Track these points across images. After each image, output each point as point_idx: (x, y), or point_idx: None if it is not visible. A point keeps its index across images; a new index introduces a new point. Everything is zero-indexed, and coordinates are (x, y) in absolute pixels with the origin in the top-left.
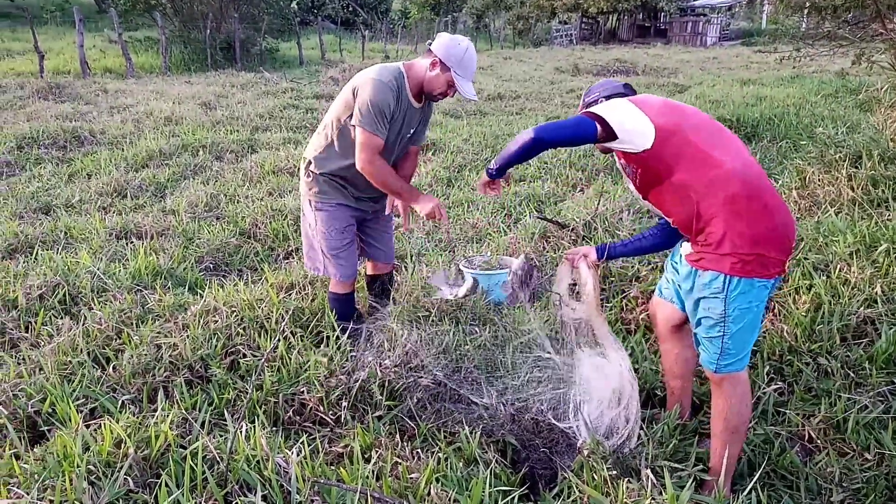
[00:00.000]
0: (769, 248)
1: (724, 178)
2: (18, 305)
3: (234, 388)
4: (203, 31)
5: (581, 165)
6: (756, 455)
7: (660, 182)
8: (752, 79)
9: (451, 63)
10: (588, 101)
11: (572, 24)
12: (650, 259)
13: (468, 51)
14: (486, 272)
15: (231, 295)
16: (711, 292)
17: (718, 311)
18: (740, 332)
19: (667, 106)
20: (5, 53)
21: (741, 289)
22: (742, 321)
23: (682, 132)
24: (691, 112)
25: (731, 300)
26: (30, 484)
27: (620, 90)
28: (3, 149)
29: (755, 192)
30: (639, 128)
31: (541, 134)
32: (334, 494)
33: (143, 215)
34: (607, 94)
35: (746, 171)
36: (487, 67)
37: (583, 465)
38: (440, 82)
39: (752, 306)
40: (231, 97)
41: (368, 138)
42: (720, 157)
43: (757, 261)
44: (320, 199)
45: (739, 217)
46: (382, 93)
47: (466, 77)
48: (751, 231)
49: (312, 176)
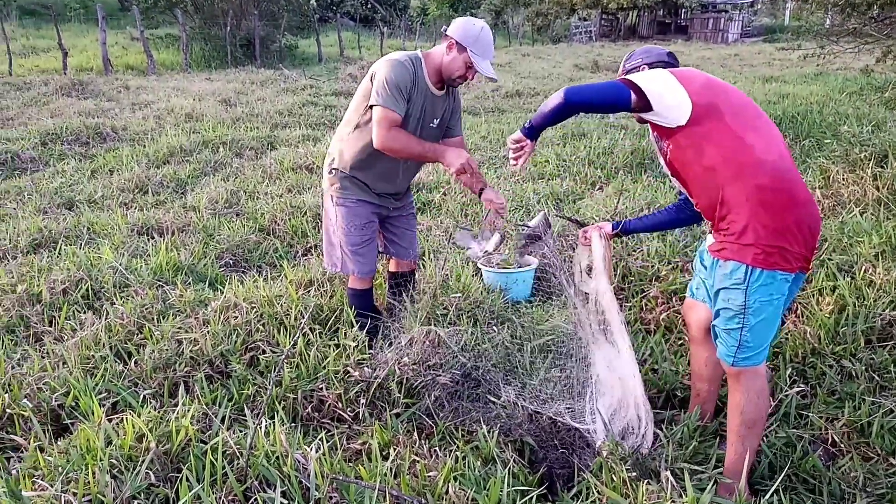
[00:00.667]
0: (793, 241)
1: (754, 166)
2: (42, 300)
3: (254, 384)
4: (223, 28)
5: (601, 163)
6: (778, 458)
7: (689, 161)
8: (775, 76)
9: (467, 43)
10: (628, 66)
11: (592, 21)
12: (670, 258)
13: (484, 30)
14: (504, 271)
15: (251, 291)
16: (732, 283)
17: (738, 303)
18: (760, 325)
19: (708, 84)
20: (30, 51)
21: (763, 280)
22: (762, 314)
23: (718, 113)
24: (733, 93)
25: (751, 291)
26: (54, 476)
27: (664, 58)
28: (28, 145)
29: (784, 184)
30: (675, 102)
31: (571, 97)
32: (353, 491)
33: (164, 211)
34: (650, 62)
35: (778, 162)
36: (506, 64)
37: (601, 465)
38: (458, 64)
39: (773, 299)
40: (251, 94)
41: (384, 113)
42: (753, 144)
43: (779, 253)
44: (342, 195)
45: (765, 208)
46: (397, 69)
47: (484, 56)
48: (775, 223)
49: (334, 172)
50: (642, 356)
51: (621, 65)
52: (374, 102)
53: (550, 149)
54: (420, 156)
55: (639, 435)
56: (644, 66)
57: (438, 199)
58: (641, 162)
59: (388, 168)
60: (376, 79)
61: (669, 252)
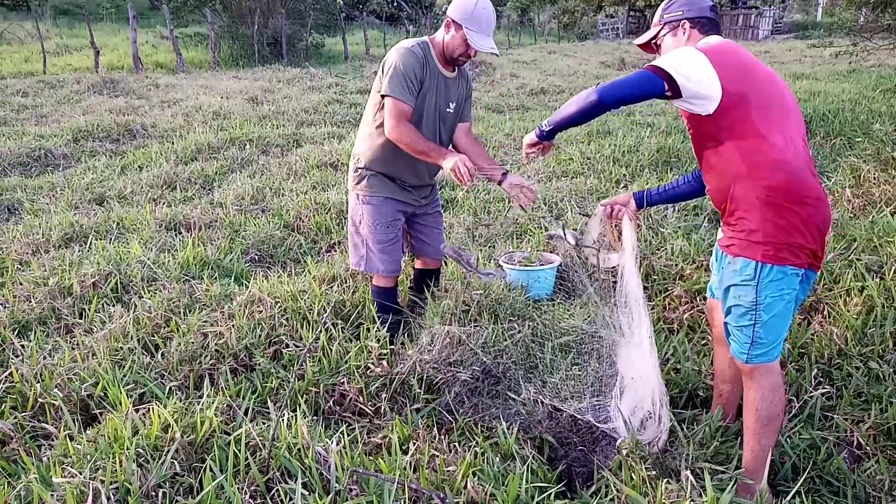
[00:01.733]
0: (802, 238)
1: (769, 166)
2: (73, 293)
3: (277, 378)
4: (251, 26)
5: (625, 161)
6: (801, 460)
7: (707, 148)
8: (806, 73)
9: (462, 20)
10: (667, 17)
11: (619, 18)
12: (695, 257)
13: (478, 4)
14: (526, 269)
15: (275, 286)
16: (742, 279)
17: (749, 300)
18: (772, 321)
19: (743, 69)
20: (64, 49)
21: (773, 276)
22: (774, 310)
23: (745, 105)
24: (766, 82)
25: (762, 287)
26: (83, 464)
27: (707, 14)
28: (61, 141)
29: (797, 184)
30: (705, 92)
31: (605, 96)
32: (372, 484)
33: (191, 207)
34: (692, 17)
35: (795, 161)
36: (531, 62)
37: (621, 464)
38: (457, 42)
39: (784, 294)
40: (277, 92)
41: (394, 105)
42: (773, 143)
43: (788, 249)
44: (367, 193)
45: (775, 207)
46: (405, 57)
47: (480, 31)
48: (784, 221)
49: (360, 171)
50: (665, 356)
51: (658, 13)
52: (385, 92)
53: (575, 146)
54: (422, 153)
55: (656, 418)
56: (685, 21)
57: (461, 196)
58: (667, 160)
59: (412, 159)
60: (387, 67)
61: (694, 251)
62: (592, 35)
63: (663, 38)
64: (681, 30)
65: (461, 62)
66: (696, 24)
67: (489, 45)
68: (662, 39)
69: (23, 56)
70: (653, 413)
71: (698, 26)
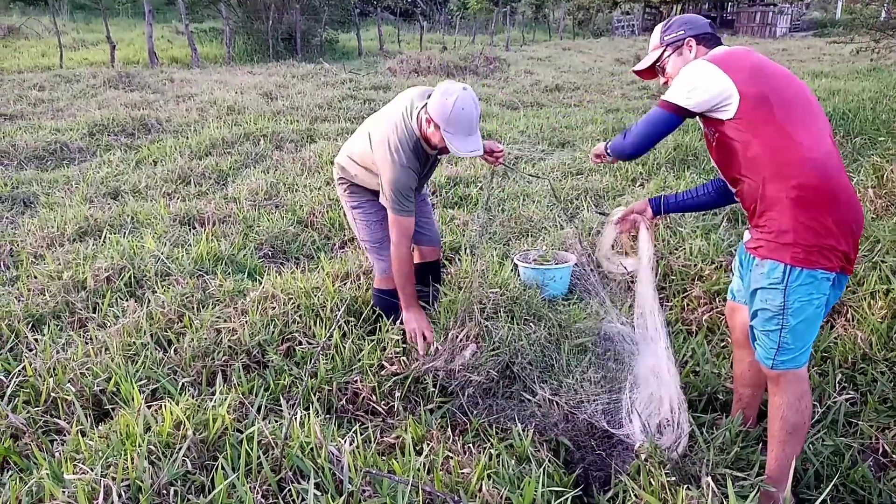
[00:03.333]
0: (833, 240)
1: (799, 164)
2: (87, 287)
3: (290, 375)
4: (266, 22)
5: (642, 159)
6: (825, 467)
7: (734, 151)
8: (825, 71)
9: (439, 120)
10: (669, 39)
11: (634, 14)
12: (714, 257)
13: (455, 105)
14: (541, 267)
15: (288, 282)
16: (770, 283)
17: (777, 303)
18: (800, 327)
19: (758, 71)
20: (80, 44)
21: (802, 280)
22: (802, 315)
23: (766, 106)
24: (784, 81)
25: (791, 291)
26: (94, 461)
27: (707, 30)
28: (76, 135)
29: (827, 182)
30: (721, 100)
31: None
32: (386, 485)
33: (205, 202)
34: (696, 34)
35: (825, 160)
36: (545, 58)
37: (639, 469)
38: (437, 138)
39: (814, 299)
40: (291, 87)
41: (399, 221)
42: (800, 141)
43: (819, 252)
44: (353, 199)
45: (806, 207)
46: (405, 178)
47: (461, 132)
48: (816, 222)
49: (342, 178)
50: (683, 358)
51: (657, 34)
52: (389, 208)
53: (590, 144)
54: (400, 287)
55: (674, 425)
56: (690, 39)
57: (475, 193)
58: (685, 158)
59: None
60: (385, 180)
61: (713, 251)
62: (608, 32)
63: (668, 60)
64: (686, 48)
65: (446, 153)
66: (701, 40)
67: (469, 149)
68: (667, 61)
69: (40, 50)
70: (671, 420)
71: (703, 42)
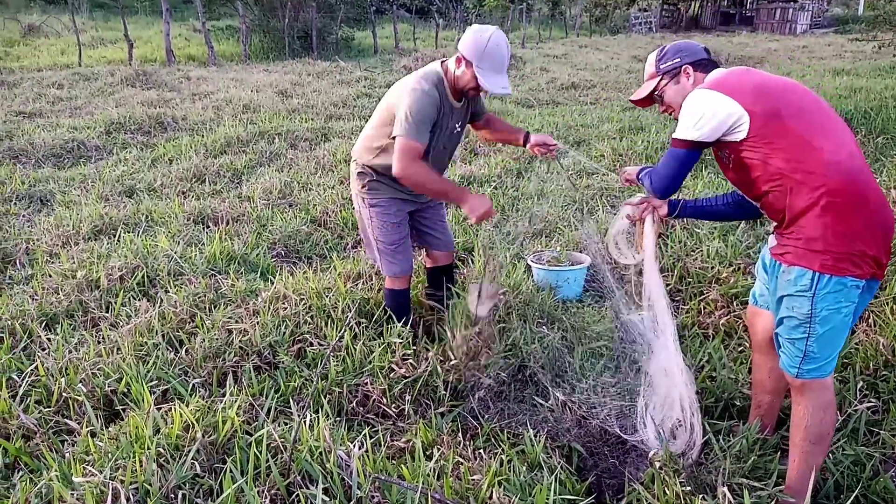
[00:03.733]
0: (864, 245)
1: (824, 169)
2: (100, 286)
3: (301, 377)
4: (282, 20)
5: (658, 158)
6: (845, 477)
7: (753, 169)
8: (846, 69)
9: (472, 56)
10: (665, 68)
11: (652, 11)
12: (732, 260)
13: (491, 40)
14: (555, 268)
15: (300, 283)
16: (797, 290)
17: (804, 311)
18: (827, 335)
19: (762, 89)
20: (99, 42)
21: (831, 287)
22: (830, 323)
23: (779, 119)
24: (792, 92)
25: (819, 299)
26: (103, 463)
27: (703, 55)
28: (93, 133)
29: (855, 185)
30: (731, 124)
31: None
32: (395, 492)
33: (219, 201)
34: (693, 61)
35: (848, 162)
36: (562, 56)
37: (654, 477)
38: (467, 78)
39: (842, 307)
40: (307, 86)
41: (407, 145)
42: (821, 147)
43: (849, 259)
44: (373, 196)
45: (835, 212)
46: (423, 102)
47: (493, 69)
48: (846, 227)
49: (362, 176)
50: (699, 363)
51: (651, 63)
52: (398, 133)
53: (606, 142)
54: (440, 194)
55: (686, 426)
56: (688, 67)
57: (490, 192)
58: (702, 158)
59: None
60: (401, 109)
61: (731, 253)
62: (625, 29)
63: (665, 89)
64: (683, 76)
65: (472, 96)
66: (698, 66)
67: (502, 85)
68: (664, 90)
69: (59, 48)
70: (682, 420)
71: (700, 68)
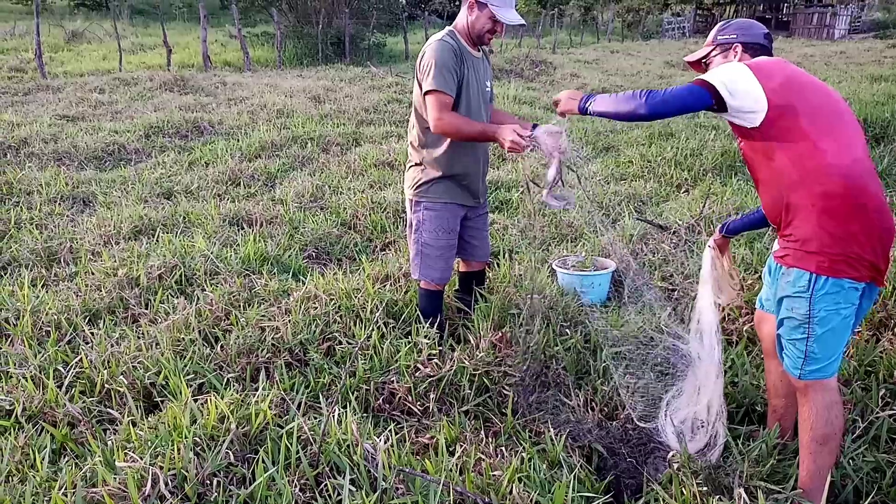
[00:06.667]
0: (860, 248)
1: (824, 171)
2: (140, 284)
3: (330, 373)
4: (315, 26)
5: (687, 165)
6: (864, 483)
7: (759, 161)
8: (885, 75)
9: None
10: (721, 39)
11: (685, 17)
12: (757, 267)
13: None
14: (581, 273)
15: (330, 283)
16: (795, 291)
17: (802, 312)
18: (827, 336)
19: (789, 82)
20: (138, 47)
21: (828, 289)
22: (829, 324)
23: (793, 115)
24: (814, 93)
25: (816, 300)
26: (144, 450)
27: (761, 41)
28: (133, 137)
29: (855, 190)
30: (750, 104)
31: (653, 110)
32: (418, 484)
33: (254, 203)
34: (746, 41)
35: (851, 167)
36: (593, 61)
37: (672, 478)
38: (482, 20)
39: (841, 308)
40: (339, 91)
41: (436, 98)
42: (825, 150)
43: (845, 261)
44: (430, 199)
45: (830, 214)
46: (440, 50)
47: (504, 4)
48: (841, 230)
49: (419, 177)
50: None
51: (713, 32)
52: (427, 88)
53: (635, 149)
54: (479, 134)
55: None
56: (738, 45)
57: (516, 198)
58: (732, 164)
59: (468, 150)
60: (423, 64)
61: (756, 260)
62: (657, 34)
63: (713, 59)
64: (732, 52)
65: (487, 41)
66: (749, 48)
67: (516, 18)
68: (712, 60)
69: (101, 54)
70: (706, 422)
71: (750, 50)
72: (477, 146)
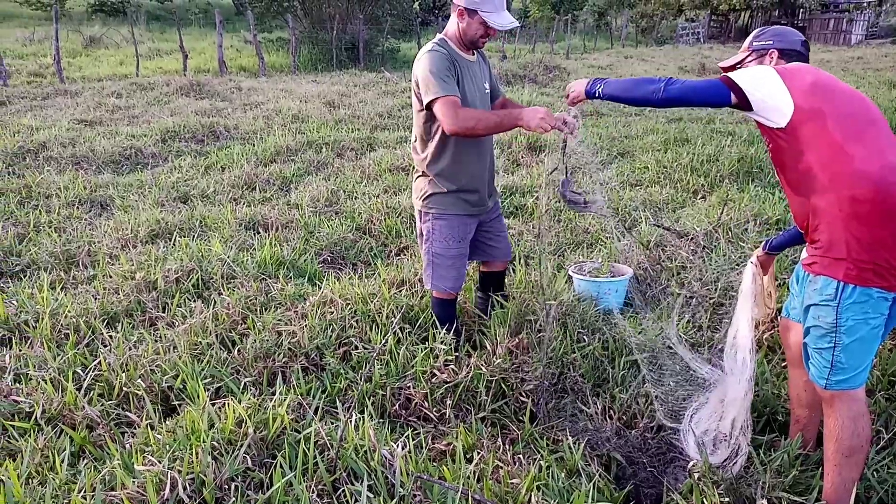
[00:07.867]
0: (889, 255)
1: (851, 176)
2: (158, 287)
3: (346, 378)
4: (330, 32)
5: (704, 171)
6: (889, 496)
7: (786, 163)
8: None
9: (472, 4)
10: (757, 45)
11: (700, 22)
12: (777, 274)
13: None
14: (597, 280)
15: (346, 288)
16: (822, 299)
17: (829, 321)
18: (854, 346)
19: (817, 86)
20: (155, 53)
21: (856, 298)
22: (856, 333)
23: (821, 119)
24: (842, 96)
25: (843, 309)
26: (162, 454)
27: (798, 48)
28: (150, 141)
29: (884, 195)
30: (776, 105)
31: (672, 97)
32: (436, 491)
33: (269, 208)
34: (782, 48)
35: (880, 172)
36: (606, 67)
37: (692, 488)
38: (474, 27)
39: (869, 318)
40: (353, 96)
41: (444, 102)
42: (853, 153)
43: (873, 269)
44: (440, 209)
45: (859, 220)
46: (433, 59)
47: (495, 9)
48: (869, 236)
49: (427, 188)
50: None
51: (749, 39)
52: (431, 97)
53: (650, 154)
54: (497, 125)
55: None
56: (774, 51)
57: (531, 203)
58: (749, 170)
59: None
60: (419, 77)
61: (777, 268)
62: (671, 39)
63: (748, 64)
64: (767, 58)
65: (481, 45)
66: (784, 55)
67: (509, 21)
68: (747, 65)
69: (118, 59)
70: (728, 435)
71: (786, 57)
72: (483, 152)
